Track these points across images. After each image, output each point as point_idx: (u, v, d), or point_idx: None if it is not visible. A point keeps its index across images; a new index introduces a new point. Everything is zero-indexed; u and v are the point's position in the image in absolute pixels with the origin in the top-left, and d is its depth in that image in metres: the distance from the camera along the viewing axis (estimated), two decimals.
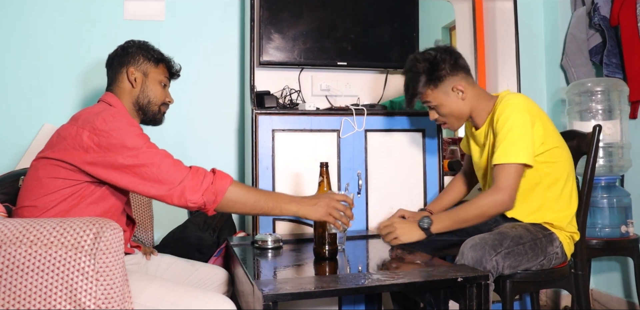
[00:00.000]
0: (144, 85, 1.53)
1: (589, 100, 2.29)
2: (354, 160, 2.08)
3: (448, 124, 1.77)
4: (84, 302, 1.01)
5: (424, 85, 1.70)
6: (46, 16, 2.24)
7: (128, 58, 1.53)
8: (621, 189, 2.29)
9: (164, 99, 1.58)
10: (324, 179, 1.48)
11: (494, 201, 1.54)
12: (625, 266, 2.37)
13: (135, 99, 1.53)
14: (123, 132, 1.30)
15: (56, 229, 1.04)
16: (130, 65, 1.52)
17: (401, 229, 1.60)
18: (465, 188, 1.98)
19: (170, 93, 1.62)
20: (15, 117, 2.20)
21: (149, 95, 1.54)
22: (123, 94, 1.52)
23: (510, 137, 1.54)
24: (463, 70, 1.71)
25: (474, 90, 1.72)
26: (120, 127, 1.31)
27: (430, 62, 1.69)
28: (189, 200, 1.28)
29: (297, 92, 2.30)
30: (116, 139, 1.28)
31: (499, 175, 1.55)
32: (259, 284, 1.16)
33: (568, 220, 1.65)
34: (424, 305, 1.66)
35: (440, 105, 1.72)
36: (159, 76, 1.57)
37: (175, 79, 1.67)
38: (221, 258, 1.86)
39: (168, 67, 1.61)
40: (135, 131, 1.33)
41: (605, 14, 2.40)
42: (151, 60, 1.55)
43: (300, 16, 2.23)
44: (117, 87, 1.53)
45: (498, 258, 1.44)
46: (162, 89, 1.58)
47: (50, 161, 1.33)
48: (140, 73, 1.53)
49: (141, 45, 1.57)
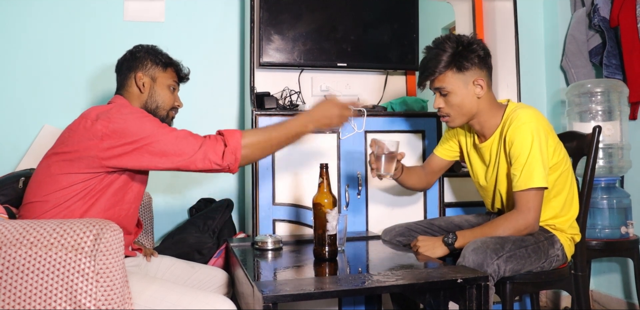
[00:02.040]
0: (152, 90, 1.54)
1: (589, 102, 2.30)
2: (354, 162, 2.08)
3: (450, 118, 1.66)
4: (84, 303, 1.01)
5: (447, 65, 1.58)
6: (46, 17, 2.24)
7: (136, 63, 1.54)
8: (621, 190, 2.29)
9: (172, 103, 1.58)
10: (324, 180, 1.48)
11: (519, 224, 1.53)
12: (625, 267, 2.37)
13: (143, 104, 1.53)
14: (136, 117, 1.35)
15: (56, 230, 1.05)
16: (138, 70, 1.53)
17: (424, 246, 1.58)
18: (422, 183, 1.90)
19: (180, 97, 1.63)
20: (15, 119, 2.20)
21: (157, 100, 1.54)
22: (132, 98, 1.53)
23: (529, 163, 1.52)
24: (488, 70, 1.64)
25: (489, 93, 1.65)
26: (133, 112, 1.37)
27: (463, 45, 1.58)
28: (213, 161, 1.35)
29: (297, 93, 2.30)
30: (131, 123, 1.33)
31: (522, 199, 1.54)
32: (259, 285, 1.17)
33: (569, 223, 1.65)
34: (424, 306, 1.66)
35: (452, 94, 1.60)
36: (167, 80, 1.57)
37: (184, 82, 1.67)
38: (221, 259, 1.87)
39: (176, 70, 1.61)
40: (149, 117, 1.38)
41: (605, 15, 2.40)
42: (159, 65, 1.55)
43: (300, 17, 2.23)
44: (126, 91, 1.54)
45: (499, 262, 1.43)
46: (170, 93, 1.58)
47: (63, 156, 1.34)
48: (148, 78, 1.54)
49: (149, 50, 1.57)
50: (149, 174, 1.60)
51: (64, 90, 2.24)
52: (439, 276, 1.26)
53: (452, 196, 2.19)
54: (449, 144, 1.87)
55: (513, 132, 1.56)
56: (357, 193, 2.07)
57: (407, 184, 1.86)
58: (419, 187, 1.90)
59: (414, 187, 1.89)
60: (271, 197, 1.99)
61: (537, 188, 1.52)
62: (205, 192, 2.35)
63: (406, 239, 1.79)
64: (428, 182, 1.91)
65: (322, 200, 1.46)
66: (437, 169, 1.90)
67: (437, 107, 1.66)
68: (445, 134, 1.89)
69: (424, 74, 1.63)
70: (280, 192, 2.01)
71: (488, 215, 1.83)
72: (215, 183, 2.39)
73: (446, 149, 1.87)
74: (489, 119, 1.66)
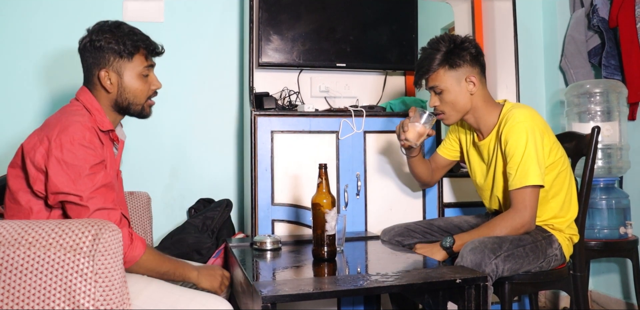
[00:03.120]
0: (121, 88, 1.39)
1: (588, 102, 2.30)
2: (353, 162, 2.08)
3: (445, 115, 1.71)
4: (83, 303, 1.01)
5: (440, 63, 1.64)
6: (45, 17, 2.24)
7: (97, 57, 1.37)
8: (620, 190, 2.29)
9: (147, 94, 1.43)
10: (323, 180, 1.48)
11: (516, 223, 1.55)
12: (624, 267, 2.37)
13: (113, 103, 1.41)
14: (77, 168, 1.24)
15: (54, 230, 1.04)
16: (101, 67, 1.37)
17: (423, 253, 1.59)
18: (428, 175, 1.92)
19: (162, 83, 1.47)
20: (13, 119, 2.20)
21: (128, 97, 1.40)
22: (99, 96, 1.40)
23: (524, 162, 1.54)
24: (481, 67, 1.69)
25: (483, 90, 1.69)
26: (73, 149, 1.24)
27: (455, 44, 1.65)
28: None
29: (296, 94, 2.30)
30: (64, 172, 1.23)
31: (518, 197, 1.55)
32: (257, 285, 1.17)
33: (568, 223, 1.65)
34: (423, 306, 1.67)
35: (446, 91, 1.66)
36: (136, 68, 1.40)
37: (159, 56, 1.47)
38: (220, 259, 1.86)
39: (146, 52, 1.42)
40: (89, 170, 1.25)
41: (604, 15, 2.40)
42: (123, 57, 1.37)
43: (299, 18, 2.23)
44: (93, 88, 1.41)
45: (498, 261, 1.43)
46: (143, 83, 1.41)
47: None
48: (114, 73, 1.38)
49: (110, 39, 1.36)
50: (149, 174, 1.60)
51: (63, 90, 2.24)
52: (438, 276, 1.26)
53: (451, 196, 2.19)
54: (450, 143, 1.90)
55: (508, 131, 1.59)
56: (356, 193, 2.07)
57: (416, 170, 1.90)
58: (424, 177, 1.93)
59: (421, 175, 1.92)
60: (270, 197, 1.99)
61: (532, 186, 1.54)
62: (204, 193, 2.35)
63: (405, 239, 1.80)
64: (432, 176, 1.95)
65: (321, 200, 1.46)
66: (439, 166, 1.94)
67: (432, 105, 1.72)
68: (448, 134, 1.93)
69: (419, 72, 1.70)
70: (279, 192, 2.01)
71: (487, 216, 1.84)
72: (214, 183, 2.39)
73: (448, 148, 1.91)
74: (484, 116, 1.69)
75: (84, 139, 1.26)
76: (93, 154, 1.27)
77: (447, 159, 1.92)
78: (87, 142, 1.26)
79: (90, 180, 1.24)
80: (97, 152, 1.28)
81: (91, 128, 1.31)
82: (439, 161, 1.93)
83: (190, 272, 1.42)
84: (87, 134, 1.28)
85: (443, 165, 1.94)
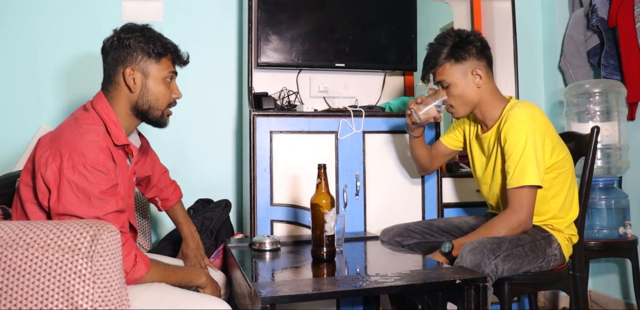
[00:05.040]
0: (144, 89, 1.35)
1: (587, 102, 2.30)
2: (352, 162, 2.08)
3: (454, 109, 1.72)
4: (81, 304, 1.01)
5: (446, 57, 1.66)
6: (43, 17, 2.23)
7: (124, 54, 1.33)
8: (619, 190, 2.29)
9: (168, 100, 1.40)
10: (322, 180, 1.47)
11: (513, 222, 1.55)
12: (623, 268, 2.37)
13: (133, 105, 1.36)
14: (87, 192, 1.20)
15: (53, 231, 1.04)
16: (127, 65, 1.33)
17: None
18: (427, 160, 1.94)
19: (178, 85, 1.44)
20: (12, 119, 2.19)
21: (150, 100, 1.36)
22: (118, 97, 1.35)
23: (523, 161, 1.54)
24: (487, 60, 1.71)
25: (490, 84, 1.71)
26: (88, 181, 1.20)
27: (461, 38, 1.67)
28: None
29: (295, 94, 2.30)
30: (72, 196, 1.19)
31: (516, 197, 1.56)
32: (257, 286, 1.16)
33: (567, 224, 1.66)
34: (422, 307, 1.66)
35: (453, 85, 1.67)
36: (162, 72, 1.37)
37: (184, 65, 1.47)
38: (219, 260, 1.86)
39: (173, 58, 1.41)
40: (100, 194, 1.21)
41: (603, 15, 2.40)
42: (152, 57, 1.35)
43: (298, 18, 2.23)
44: (113, 88, 1.35)
45: (497, 261, 1.43)
46: (166, 87, 1.38)
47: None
48: (139, 73, 1.34)
49: (139, 37, 1.34)
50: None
51: (61, 90, 2.24)
52: (437, 277, 1.26)
53: (451, 197, 2.19)
54: (455, 133, 1.91)
55: (507, 129, 1.59)
56: (355, 193, 2.07)
57: (416, 152, 1.92)
58: (423, 161, 1.94)
59: (420, 158, 1.93)
60: (269, 197, 1.99)
61: (530, 186, 1.54)
62: (203, 193, 2.34)
63: (405, 240, 1.80)
64: (431, 163, 1.96)
65: (320, 200, 1.45)
66: (440, 154, 1.95)
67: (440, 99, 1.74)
68: (453, 123, 1.94)
69: (426, 67, 1.72)
70: (278, 193, 2.00)
71: (487, 217, 1.84)
72: (213, 184, 2.38)
73: (451, 138, 1.92)
74: (490, 109, 1.71)
75: (97, 162, 1.22)
76: (105, 179, 1.22)
77: (448, 147, 1.93)
78: (100, 166, 1.22)
79: (100, 206, 1.21)
80: (109, 176, 1.24)
81: (105, 148, 1.26)
82: (440, 149, 1.95)
83: (198, 279, 1.43)
84: (101, 156, 1.23)
85: (444, 154, 1.95)
